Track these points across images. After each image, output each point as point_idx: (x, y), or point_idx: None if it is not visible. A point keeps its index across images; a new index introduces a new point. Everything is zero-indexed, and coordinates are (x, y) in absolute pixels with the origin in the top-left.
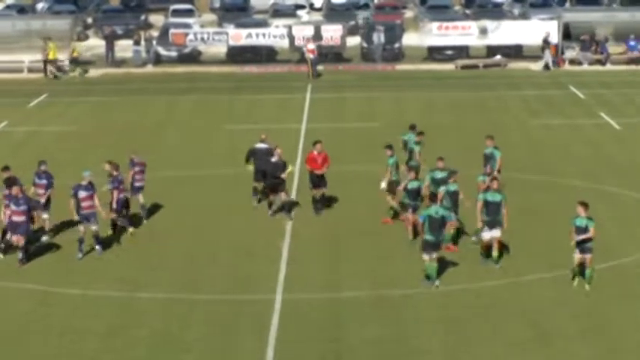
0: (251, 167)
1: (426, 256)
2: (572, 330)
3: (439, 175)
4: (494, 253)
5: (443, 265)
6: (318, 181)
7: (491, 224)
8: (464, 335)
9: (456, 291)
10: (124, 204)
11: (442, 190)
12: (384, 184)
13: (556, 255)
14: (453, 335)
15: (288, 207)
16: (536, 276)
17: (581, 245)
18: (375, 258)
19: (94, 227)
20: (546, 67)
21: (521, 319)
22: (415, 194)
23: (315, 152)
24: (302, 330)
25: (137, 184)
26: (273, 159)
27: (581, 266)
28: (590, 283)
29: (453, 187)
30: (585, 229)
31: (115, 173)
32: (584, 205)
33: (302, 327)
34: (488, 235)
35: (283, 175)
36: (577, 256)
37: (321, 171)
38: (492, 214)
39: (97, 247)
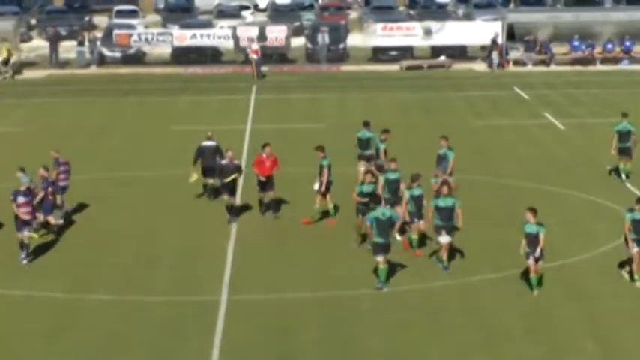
0: (195, 177)
1: (379, 259)
2: (520, 330)
3: (392, 176)
4: (443, 256)
5: (390, 266)
6: (266, 184)
7: (447, 229)
8: (410, 336)
9: (403, 292)
10: (54, 205)
11: (407, 194)
12: (316, 186)
13: (503, 256)
14: (400, 336)
15: (235, 211)
16: (483, 277)
17: (534, 252)
18: (321, 259)
19: (28, 233)
20: (494, 67)
21: (468, 319)
22: (371, 198)
23: (264, 155)
24: (247, 331)
25: (62, 184)
26: (224, 161)
27: (535, 274)
28: (540, 286)
29: (417, 192)
30: (536, 236)
31: (45, 175)
32: (533, 211)
33: (247, 328)
34: (446, 239)
35: (227, 180)
36: (530, 264)
37: (269, 174)
38: (445, 219)
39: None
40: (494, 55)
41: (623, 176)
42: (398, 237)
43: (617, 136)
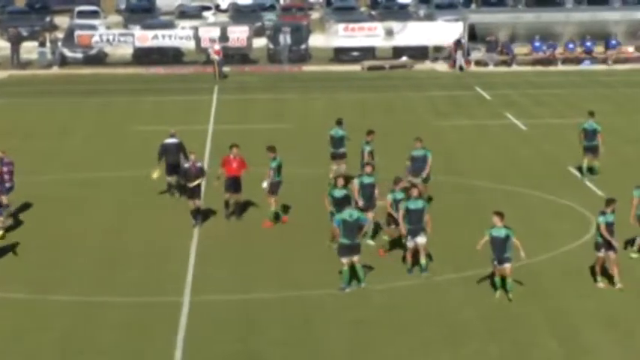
0: (157, 174)
1: (344, 260)
2: (482, 329)
3: (367, 180)
4: (422, 260)
5: (360, 267)
6: (233, 185)
7: (415, 232)
8: (373, 336)
9: (366, 291)
10: None
11: (389, 197)
12: (265, 184)
13: (466, 256)
14: (362, 336)
15: (200, 215)
16: (446, 277)
17: (500, 256)
18: (283, 259)
19: None
20: (459, 68)
21: (431, 319)
22: (343, 202)
23: (232, 156)
24: (210, 331)
25: (7, 185)
26: (187, 165)
27: (501, 277)
28: (511, 290)
29: (400, 195)
30: (505, 240)
31: None
32: (500, 215)
33: (210, 328)
34: (411, 242)
35: (192, 185)
36: (496, 267)
37: (237, 175)
38: (415, 221)
39: None
40: (459, 56)
41: (585, 172)
42: (370, 242)
43: (582, 134)
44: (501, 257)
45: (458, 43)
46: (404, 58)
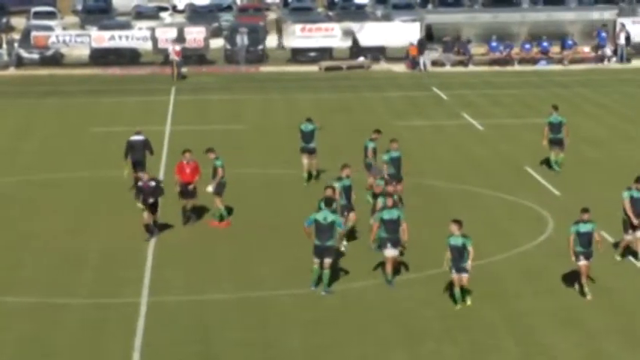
0: (127, 171)
1: (316, 260)
2: (439, 329)
3: (346, 182)
4: (388, 270)
5: (308, 266)
6: (187, 192)
7: (392, 242)
8: (331, 337)
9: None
10: None
11: (380, 200)
12: (210, 188)
13: (423, 256)
14: (320, 337)
15: (154, 229)
16: (403, 277)
17: (458, 265)
18: (240, 261)
19: None
20: (424, 68)
21: (388, 319)
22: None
23: (185, 162)
24: (168, 333)
25: None
26: (140, 183)
27: (459, 286)
28: (466, 300)
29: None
30: (462, 248)
31: None
32: (458, 222)
33: (168, 330)
34: (391, 252)
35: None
36: (454, 276)
37: (190, 181)
38: (391, 231)
39: None
40: (424, 56)
41: (556, 167)
42: (343, 246)
43: (548, 128)
44: (459, 266)
45: (422, 44)
46: (361, 59)
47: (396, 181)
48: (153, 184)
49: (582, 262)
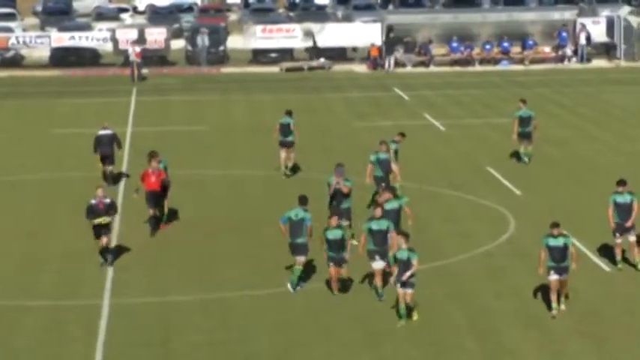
0: (99, 165)
1: (297, 258)
2: (401, 330)
3: (332, 180)
4: (378, 282)
5: (271, 267)
6: (154, 199)
7: (381, 254)
8: (293, 338)
9: (286, 293)
10: None
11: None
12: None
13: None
14: (282, 338)
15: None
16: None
17: (404, 280)
18: (203, 262)
19: None
20: (389, 67)
21: (351, 320)
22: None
23: (150, 170)
24: (130, 335)
25: None
26: (93, 201)
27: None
28: (411, 316)
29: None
30: (408, 262)
31: None
32: (406, 235)
33: (130, 332)
34: (380, 264)
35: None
36: (399, 291)
37: (156, 190)
38: (379, 243)
39: None
40: (392, 58)
41: (526, 159)
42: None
43: (517, 121)
44: (406, 281)
45: (389, 44)
46: (322, 60)
47: (385, 185)
48: (107, 201)
49: (552, 277)
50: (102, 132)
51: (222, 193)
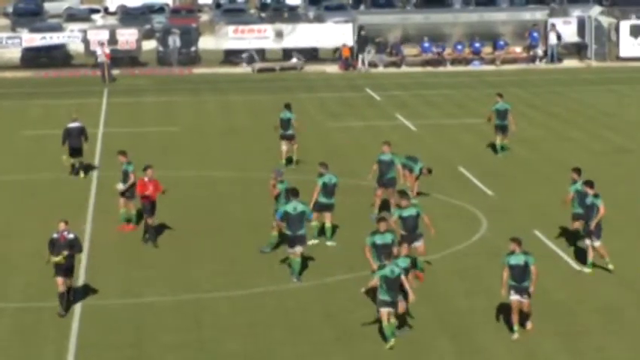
0: (66, 158)
1: (290, 251)
2: (374, 329)
3: (332, 180)
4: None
5: (247, 268)
6: (150, 208)
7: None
8: (267, 338)
9: (259, 294)
10: None
11: (395, 215)
12: (121, 186)
13: (357, 256)
14: (255, 339)
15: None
16: (337, 277)
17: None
18: (176, 263)
19: None
20: (363, 66)
21: (324, 320)
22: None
23: (146, 178)
24: (102, 336)
25: None
26: (55, 235)
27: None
28: (394, 335)
29: (406, 213)
30: (396, 279)
31: None
32: (388, 253)
33: (102, 333)
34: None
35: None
36: (382, 310)
37: (153, 198)
38: (386, 257)
39: None
40: (366, 56)
41: (501, 152)
42: (329, 243)
43: (495, 115)
44: (393, 302)
45: (363, 43)
46: (294, 60)
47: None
48: (71, 236)
49: (513, 297)
50: (72, 124)
51: (195, 193)
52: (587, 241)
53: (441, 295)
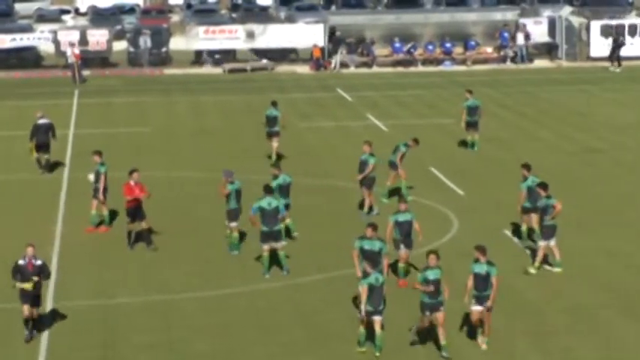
0: (34, 153)
1: (265, 247)
2: (347, 330)
3: (286, 180)
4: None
5: (218, 268)
6: (136, 213)
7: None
8: (237, 338)
9: (229, 295)
10: None
11: (391, 220)
12: (91, 177)
13: (328, 257)
14: (226, 339)
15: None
16: (308, 278)
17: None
18: (147, 264)
19: None
20: (335, 66)
21: (294, 320)
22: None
23: (132, 182)
24: (74, 337)
25: None
26: (21, 261)
27: (369, 328)
28: (381, 350)
29: (402, 217)
30: (380, 288)
31: None
32: (374, 262)
33: (73, 334)
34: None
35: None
36: (363, 318)
37: (140, 199)
38: (372, 266)
39: None
40: (338, 57)
41: (472, 148)
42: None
43: (466, 111)
44: (375, 310)
45: (336, 43)
46: (265, 61)
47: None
48: (38, 263)
49: (474, 308)
50: (40, 121)
51: (166, 194)
52: (543, 242)
53: (412, 294)
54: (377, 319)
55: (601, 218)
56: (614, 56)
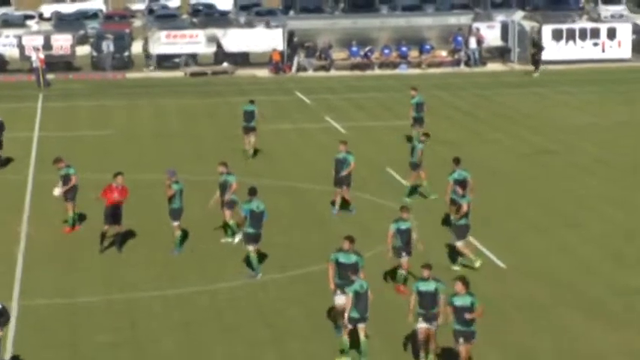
0: None
1: (250, 247)
2: (307, 328)
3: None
4: (362, 337)
5: (177, 269)
6: (113, 216)
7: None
8: (200, 336)
9: (192, 293)
10: None
11: (392, 228)
12: (57, 192)
13: (288, 256)
14: (190, 337)
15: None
16: (269, 277)
17: (364, 314)
18: (111, 264)
19: None
20: (295, 70)
21: (256, 319)
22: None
23: (114, 185)
24: (38, 336)
25: None
26: None
27: (353, 336)
28: (367, 357)
29: (404, 225)
30: (365, 294)
31: None
32: (355, 272)
33: (38, 333)
34: (342, 300)
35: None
36: (347, 325)
37: (119, 203)
38: (346, 277)
39: None
40: (296, 60)
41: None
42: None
43: (413, 108)
44: (360, 317)
45: (295, 48)
46: (225, 64)
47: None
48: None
49: (420, 325)
50: None
51: (129, 196)
52: (458, 243)
53: (372, 292)
54: (362, 326)
55: (554, 219)
56: (535, 61)
